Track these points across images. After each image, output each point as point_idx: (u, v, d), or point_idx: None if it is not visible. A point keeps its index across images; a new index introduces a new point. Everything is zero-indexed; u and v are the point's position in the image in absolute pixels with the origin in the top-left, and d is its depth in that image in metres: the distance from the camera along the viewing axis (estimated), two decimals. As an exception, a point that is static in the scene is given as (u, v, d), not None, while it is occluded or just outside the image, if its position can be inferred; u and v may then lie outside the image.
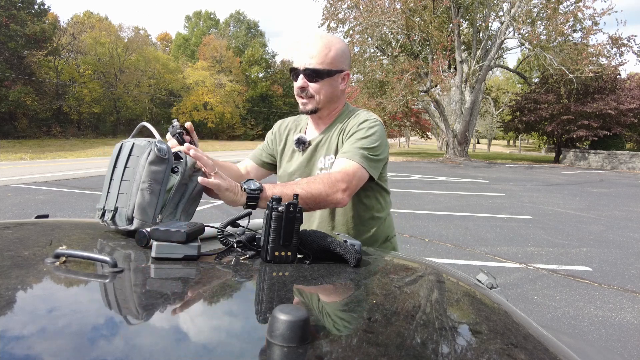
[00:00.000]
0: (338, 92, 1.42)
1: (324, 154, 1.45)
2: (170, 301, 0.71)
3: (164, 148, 1.05)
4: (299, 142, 1.48)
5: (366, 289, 0.86)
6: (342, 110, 1.49)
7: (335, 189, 1.20)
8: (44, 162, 14.89)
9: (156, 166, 1.03)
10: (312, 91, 1.37)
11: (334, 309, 0.71)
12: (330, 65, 1.34)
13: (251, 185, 1.08)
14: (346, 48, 1.41)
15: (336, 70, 1.37)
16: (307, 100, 1.39)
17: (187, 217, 1.11)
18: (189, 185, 1.10)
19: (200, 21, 59.81)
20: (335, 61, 1.35)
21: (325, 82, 1.36)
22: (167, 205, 1.06)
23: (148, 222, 1.02)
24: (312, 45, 1.34)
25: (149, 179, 1.02)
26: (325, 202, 1.20)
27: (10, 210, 6.62)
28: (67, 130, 34.30)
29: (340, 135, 1.43)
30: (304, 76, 1.35)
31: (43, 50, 32.81)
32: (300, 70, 1.35)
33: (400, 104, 20.82)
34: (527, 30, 19.50)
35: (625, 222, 7.38)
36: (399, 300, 0.81)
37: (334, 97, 1.42)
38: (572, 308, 3.54)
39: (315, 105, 1.40)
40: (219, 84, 47.37)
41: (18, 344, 0.51)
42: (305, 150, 1.49)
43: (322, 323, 0.63)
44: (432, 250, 5.19)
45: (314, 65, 1.33)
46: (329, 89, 1.38)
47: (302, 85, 1.36)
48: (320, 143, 1.47)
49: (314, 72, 1.34)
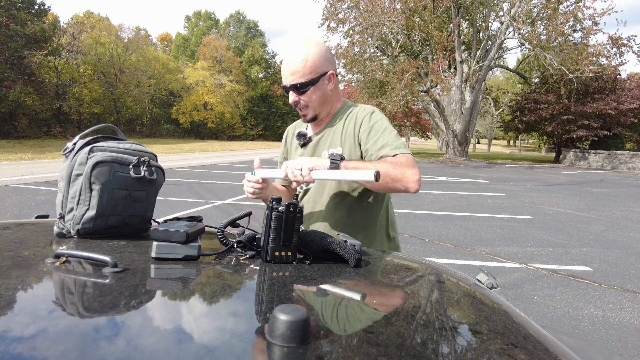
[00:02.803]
0: (328, 93, 1.49)
1: (327, 147, 1.51)
2: (170, 301, 0.71)
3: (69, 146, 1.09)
4: (300, 135, 1.58)
5: (366, 289, 0.86)
6: (340, 108, 1.57)
7: (410, 176, 1.28)
8: (44, 162, 14.89)
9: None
10: (304, 102, 1.46)
11: (334, 309, 0.71)
12: (311, 74, 1.41)
13: (334, 153, 1.29)
14: (324, 49, 1.44)
15: (318, 76, 1.43)
16: (305, 111, 1.49)
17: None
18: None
19: (200, 21, 59.82)
20: (314, 68, 1.41)
21: (312, 90, 1.44)
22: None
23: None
24: (291, 62, 1.41)
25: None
26: (402, 185, 1.28)
27: (10, 210, 6.62)
28: (67, 130, 34.33)
29: (345, 127, 1.49)
30: (292, 92, 1.45)
31: (43, 50, 32.82)
32: (288, 87, 1.44)
33: (400, 104, 20.82)
34: (527, 30, 19.50)
35: (625, 222, 7.37)
36: (399, 300, 0.81)
37: (326, 98, 1.50)
38: (572, 308, 3.54)
39: (313, 113, 1.50)
40: (219, 84, 47.38)
41: (18, 344, 0.51)
42: (306, 145, 1.57)
43: (322, 323, 0.63)
44: (432, 250, 5.19)
45: (296, 81, 1.41)
46: (319, 94, 1.46)
47: (294, 100, 1.47)
48: (322, 138, 1.54)
49: (299, 86, 1.42)
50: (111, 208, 1.05)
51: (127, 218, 1.08)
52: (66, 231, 1.04)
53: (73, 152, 1.08)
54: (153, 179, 1.13)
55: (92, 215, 1.03)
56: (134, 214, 1.10)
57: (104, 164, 1.05)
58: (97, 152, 1.06)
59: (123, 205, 1.07)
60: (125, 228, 1.09)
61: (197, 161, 17.89)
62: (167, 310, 0.66)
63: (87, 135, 1.14)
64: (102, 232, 1.05)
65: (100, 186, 1.04)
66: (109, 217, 1.05)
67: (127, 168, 1.08)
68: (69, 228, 1.04)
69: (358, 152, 1.44)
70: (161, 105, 47.38)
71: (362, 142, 1.43)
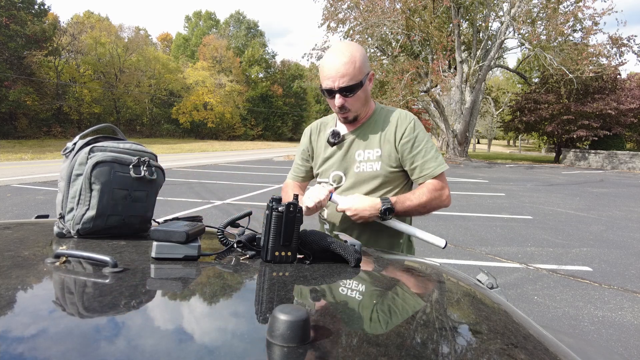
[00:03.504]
0: (369, 93, 1.54)
1: (363, 147, 1.55)
2: (170, 301, 0.71)
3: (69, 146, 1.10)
4: (334, 134, 1.57)
5: (366, 289, 0.86)
6: (375, 109, 1.60)
7: (446, 199, 1.54)
8: (44, 162, 14.89)
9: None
10: (350, 105, 1.47)
11: (334, 309, 0.71)
12: (360, 76, 1.43)
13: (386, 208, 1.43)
14: (364, 50, 1.48)
15: (364, 77, 1.45)
16: (347, 113, 1.50)
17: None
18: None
19: (200, 21, 59.81)
20: (361, 70, 1.43)
21: (360, 92, 1.46)
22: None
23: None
24: (339, 64, 1.40)
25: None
26: (440, 206, 1.53)
27: (10, 210, 6.62)
28: (67, 130, 34.32)
29: (384, 130, 1.54)
30: (340, 95, 1.44)
31: (43, 50, 32.81)
32: (336, 90, 1.43)
33: (400, 104, 20.81)
34: (527, 30, 19.50)
35: (625, 222, 7.37)
36: (399, 300, 0.81)
37: (368, 99, 1.54)
38: (572, 308, 3.54)
39: (355, 114, 1.52)
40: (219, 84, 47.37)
41: (18, 344, 0.51)
42: (339, 143, 1.58)
43: (322, 323, 0.63)
44: (432, 250, 5.19)
45: (346, 83, 1.41)
46: (362, 96, 1.49)
47: (341, 103, 1.46)
48: (357, 138, 1.57)
49: (349, 89, 1.43)
50: (111, 208, 1.05)
51: (127, 218, 1.08)
52: (66, 231, 1.04)
53: (73, 152, 1.08)
54: (153, 179, 1.13)
55: (92, 215, 1.03)
56: (134, 214, 1.10)
57: (104, 164, 1.05)
58: (97, 152, 1.06)
59: (123, 205, 1.07)
60: (125, 228, 1.09)
61: (197, 161, 17.89)
62: (167, 311, 0.66)
63: (87, 135, 1.14)
64: (102, 232, 1.05)
65: (101, 186, 1.04)
66: (109, 217, 1.05)
67: (127, 168, 1.08)
68: (69, 228, 1.04)
69: (395, 155, 1.52)
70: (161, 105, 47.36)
71: (405, 151, 1.51)
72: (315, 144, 1.69)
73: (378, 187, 1.54)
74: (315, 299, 0.77)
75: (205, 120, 46.73)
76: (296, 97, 57.38)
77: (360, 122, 1.58)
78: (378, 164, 1.53)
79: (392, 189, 1.56)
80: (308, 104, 59.82)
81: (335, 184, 1.59)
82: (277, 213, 0.92)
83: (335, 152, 1.59)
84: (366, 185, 1.54)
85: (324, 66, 1.44)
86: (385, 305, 0.76)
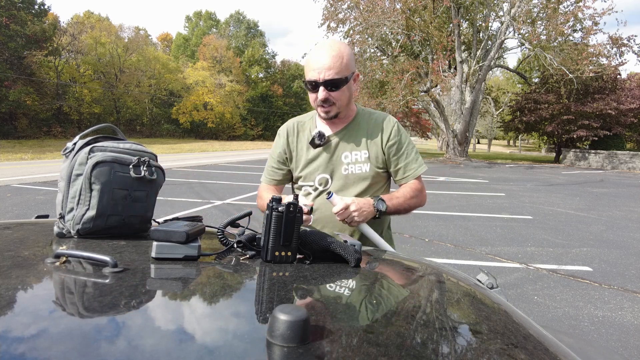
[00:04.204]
0: (353, 93, 1.53)
1: (350, 149, 1.55)
2: (170, 301, 0.71)
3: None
4: (320, 136, 1.54)
5: (366, 289, 0.86)
6: (357, 111, 1.61)
7: (423, 198, 1.64)
8: (44, 162, 14.89)
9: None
10: (333, 100, 1.46)
11: (334, 309, 0.71)
12: (346, 72, 1.43)
13: (380, 207, 1.46)
14: (351, 50, 1.49)
15: (350, 74, 1.45)
16: (329, 108, 1.48)
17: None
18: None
19: (201, 21, 59.79)
20: (348, 67, 1.43)
21: (345, 88, 1.46)
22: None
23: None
24: (326, 57, 1.40)
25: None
26: (418, 206, 1.62)
27: (10, 210, 6.62)
28: (67, 130, 34.31)
29: (370, 132, 1.56)
30: (324, 88, 1.43)
31: (43, 50, 32.80)
32: (320, 82, 1.42)
33: (400, 104, 20.82)
34: (527, 30, 19.50)
35: (625, 222, 7.37)
36: (399, 300, 0.81)
37: (351, 99, 1.53)
38: (572, 308, 3.54)
39: (337, 111, 1.50)
40: (219, 84, 47.35)
41: (19, 344, 0.51)
42: (324, 144, 1.56)
43: (322, 323, 0.63)
44: (432, 250, 5.19)
45: (332, 76, 1.40)
46: (347, 93, 1.48)
47: (325, 97, 1.44)
48: (343, 140, 1.56)
49: (334, 83, 1.42)
50: (111, 208, 1.05)
51: (127, 218, 1.08)
52: (66, 231, 1.04)
53: (73, 152, 1.08)
54: (153, 179, 1.13)
55: (92, 215, 1.03)
56: (134, 214, 1.10)
57: (104, 164, 1.05)
58: (97, 152, 1.06)
59: (123, 205, 1.07)
60: (125, 228, 1.09)
61: (197, 161, 17.89)
62: (167, 310, 0.66)
63: (87, 135, 1.14)
64: (102, 232, 1.05)
65: (101, 186, 1.04)
66: (109, 217, 1.05)
67: (127, 168, 1.08)
68: (69, 228, 1.04)
69: (382, 157, 1.55)
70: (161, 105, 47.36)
71: (391, 153, 1.56)
72: (293, 146, 1.62)
73: (367, 189, 1.55)
74: (315, 299, 0.76)
75: (205, 120, 46.71)
76: (296, 97, 57.36)
77: (344, 123, 1.57)
78: (367, 166, 1.54)
79: (378, 189, 1.59)
80: (308, 104, 59.39)
81: (321, 187, 1.56)
82: (277, 213, 0.92)
83: (320, 154, 1.56)
84: (355, 187, 1.54)
85: (310, 59, 1.43)
86: (385, 305, 0.76)
